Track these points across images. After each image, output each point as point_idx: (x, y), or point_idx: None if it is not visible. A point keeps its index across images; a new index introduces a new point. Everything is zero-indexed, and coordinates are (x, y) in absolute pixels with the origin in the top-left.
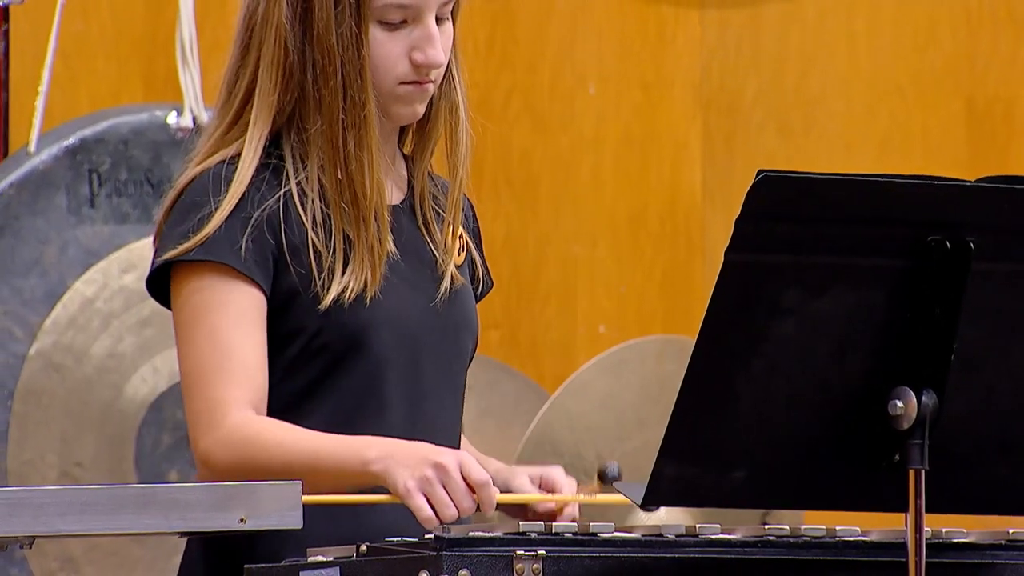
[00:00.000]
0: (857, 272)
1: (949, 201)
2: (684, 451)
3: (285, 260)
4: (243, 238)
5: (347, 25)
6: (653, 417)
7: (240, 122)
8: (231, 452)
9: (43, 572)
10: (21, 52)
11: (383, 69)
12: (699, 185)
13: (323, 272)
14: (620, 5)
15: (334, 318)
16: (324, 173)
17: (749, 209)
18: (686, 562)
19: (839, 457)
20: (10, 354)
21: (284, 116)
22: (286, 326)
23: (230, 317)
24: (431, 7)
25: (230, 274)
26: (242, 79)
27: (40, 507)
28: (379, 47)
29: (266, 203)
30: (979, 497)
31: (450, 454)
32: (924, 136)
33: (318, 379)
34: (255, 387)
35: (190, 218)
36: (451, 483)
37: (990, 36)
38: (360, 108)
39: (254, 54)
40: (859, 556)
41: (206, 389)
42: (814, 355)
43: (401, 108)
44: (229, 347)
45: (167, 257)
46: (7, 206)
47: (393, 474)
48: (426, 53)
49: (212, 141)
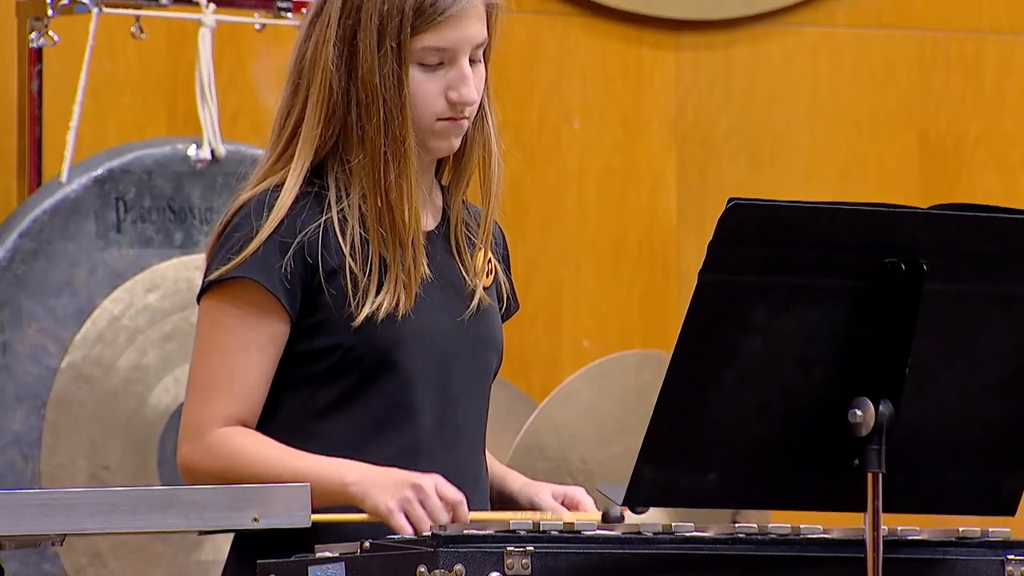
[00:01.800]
0: (819, 292)
1: (903, 227)
2: (661, 456)
3: (320, 282)
4: (278, 260)
5: (389, 67)
6: (633, 425)
7: (286, 154)
8: (212, 462)
9: (74, 567)
10: (54, 90)
11: (422, 107)
12: (674, 212)
13: (358, 293)
14: (602, 48)
15: (367, 335)
16: (365, 201)
17: (720, 234)
18: (662, 558)
19: (803, 461)
20: (43, 367)
21: (326, 149)
22: (321, 341)
23: (242, 339)
24: (465, 50)
25: (259, 293)
26: (291, 115)
27: (71, 507)
28: (418, 87)
29: (306, 228)
30: (932, 498)
31: (427, 477)
32: (880, 167)
33: (352, 389)
34: (250, 408)
35: (233, 240)
36: (429, 502)
37: (942, 76)
38: (401, 142)
39: (302, 94)
40: (822, 552)
41: (203, 401)
42: (780, 368)
43: (438, 142)
44: (236, 368)
45: (211, 278)
46: (41, 231)
47: (372, 496)
48: (460, 92)
49: (262, 171)
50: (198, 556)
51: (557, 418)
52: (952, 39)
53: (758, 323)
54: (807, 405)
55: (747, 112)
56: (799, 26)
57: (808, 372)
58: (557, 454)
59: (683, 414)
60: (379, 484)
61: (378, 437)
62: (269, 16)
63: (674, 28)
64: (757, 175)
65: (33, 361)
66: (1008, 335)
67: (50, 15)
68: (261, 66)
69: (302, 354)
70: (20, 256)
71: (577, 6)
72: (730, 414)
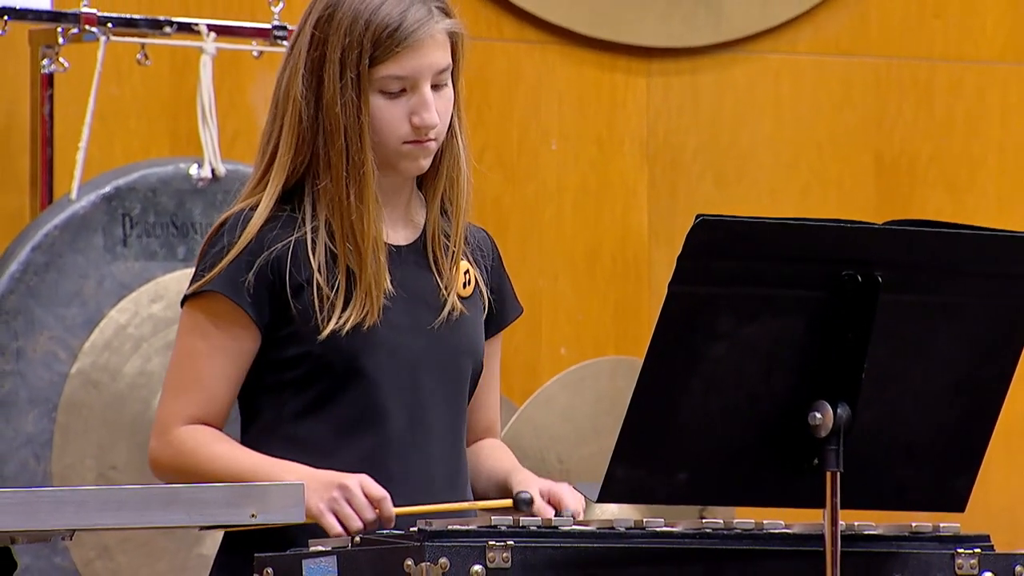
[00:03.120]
0: (781, 302)
1: (860, 241)
2: (633, 456)
3: (287, 298)
4: (244, 276)
5: (349, 95)
6: (607, 427)
7: (266, 178)
8: (172, 457)
9: (82, 560)
10: (64, 113)
11: (387, 131)
12: (646, 227)
13: (324, 307)
14: (578, 73)
15: (333, 345)
16: (332, 221)
17: (689, 248)
18: (634, 551)
19: (766, 461)
20: (54, 373)
21: (298, 174)
22: (292, 351)
23: (211, 346)
24: (426, 77)
25: (227, 305)
26: (270, 141)
27: (80, 504)
28: (382, 113)
29: (274, 247)
30: (886, 495)
31: (353, 477)
32: (839, 185)
33: (323, 394)
34: (215, 409)
35: (210, 256)
36: (355, 500)
37: (896, 100)
38: (359, 166)
39: (278, 122)
40: (783, 546)
41: (172, 401)
42: (744, 373)
43: (407, 163)
44: (203, 372)
45: (187, 292)
46: (52, 245)
47: (307, 498)
48: (422, 117)
49: (245, 192)
50: (199, 550)
51: (536, 420)
52: (905, 66)
53: (724, 331)
54: (770, 408)
55: (714, 133)
56: (762, 53)
57: (771, 377)
58: (537, 454)
59: (654, 417)
60: (311, 487)
61: (350, 439)
62: (266, 44)
63: (645, 55)
64: (723, 192)
65: (45, 367)
66: (957, 343)
67: (61, 43)
68: (258, 91)
69: (275, 362)
70: (33, 268)
71: (554, 35)
72: (698, 417)
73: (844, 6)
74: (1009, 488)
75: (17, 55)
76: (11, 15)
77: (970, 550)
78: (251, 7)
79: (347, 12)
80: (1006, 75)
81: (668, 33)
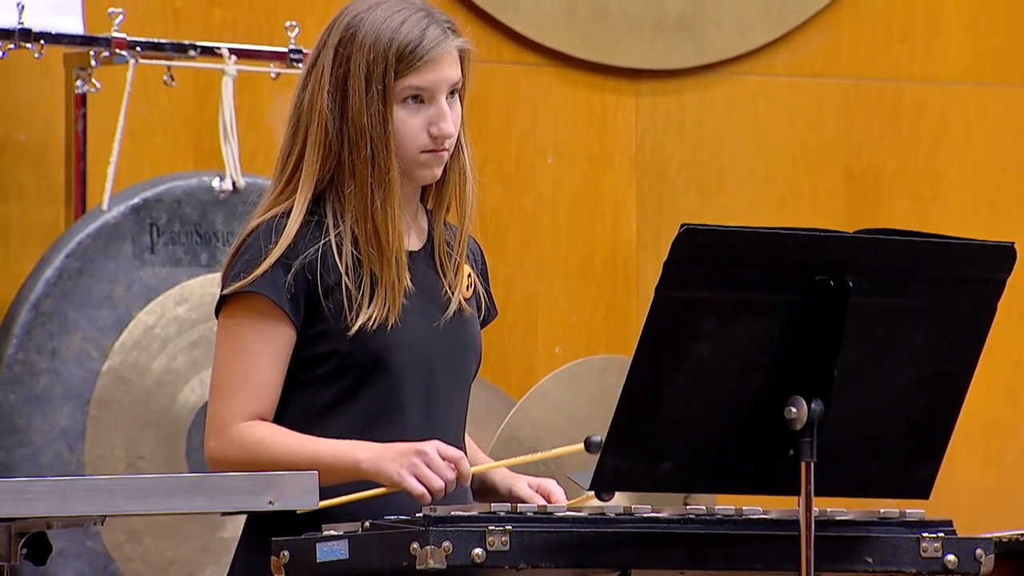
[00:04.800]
0: (760, 305)
1: (832, 249)
2: (623, 447)
3: (319, 298)
4: (283, 278)
5: (376, 107)
6: (599, 420)
7: (290, 187)
8: (237, 452)
9: (113, 543)
10: (96, 130)
11: (407, 141)
12: (634, 236)
13: (353, 306)
14: (572, 93)
15: (361, 341)
16: (357, 226)
17: (674, 255)
18: (623, 535)
19: (746, 452)
20: (87, 370)
21: (324, 182)
22: (322, 348)
23: (258, 345)
24: (442, 89)
25: (268, 306)
26: (293, 153)
27: (110, 492)
28: (402, 124)
29: (307, 251)
30: (857, 483)
31: (428, 442)
32: (812, 197)
33: (350, 389)
34: (266, 405)
35: (246, 259)
36: (433, 462)
37: (864, 118)
38: (385, 173)
39: (302, 135)
40: (761, 531)
41: (226, 400)
42: (725, 371)
43: (423, 171)
44: (252, 370)
45: (228, 291)
46: (84, 252)
47: (384, 468)
48: (440, 127)
49: (268, 201)
50: (221, 534)
51: (533, 414)
52: (873, 86)
53: (707, 332)
54: (749, 403)
55: (697, 149)
56: (742, 75)
57: (750, 375)
58: (533, 445)
59: (641, 411)
60: (387, 456)
61: (372, 430)
62: (283, 66)
63: (634, 77)
64: (706, 204)
65: (78, 365)
66: (922, 343)
67: (93, 65)
68: (276, 110)
69: (306, 359)
70: (67, 274)
71: (550, 58)
72: (682, 411)
73: (817, 31)
74: (970, 477)
75: (52, 77)
76: (47, 39)
77: (934, 534)
78: (269, 32)
79: (369, 32)
80: (967, 95)
81: (654, 57)
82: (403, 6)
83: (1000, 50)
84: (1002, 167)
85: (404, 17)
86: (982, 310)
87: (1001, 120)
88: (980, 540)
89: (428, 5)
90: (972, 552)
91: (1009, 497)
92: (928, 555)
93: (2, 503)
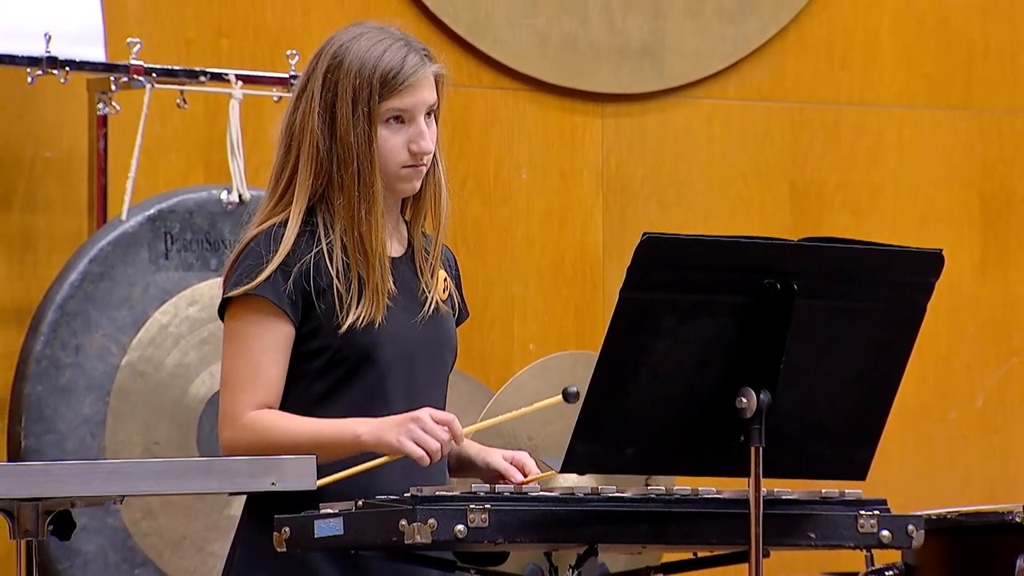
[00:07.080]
0: (714, 306)
1: (779, 255)
2: (591, 434)
3: (313, 300)
4: (284, 283)
5: (361, 127)
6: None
7: (284, 199)
8: (250, 438)
9: (131, 520)
10: (116, 148)
11: (390, 157)
12: (601, 243)
13: (343, 307)
14: (544, 115)
15: (350, 338)
16: (345, 234)
17: (637, 260)
18: (590, 513)
19: (702, 438)
20: (108, 364)
21: (316, 195)
22: (315, 343)
23: (262, 343)
24: (421, 111)
25: (270, 307)
26: (286, 170)
27: (128, 474)
28: (385, 142)
29: (303, 258)
30: (801, 466)
31: (421, 410)
32: (761, 209)
33: (339, 381)
34: (272, 395)
35: (248, 264)
36: (428, 426)
37: (808, 137)
38: (370, 187)
39: (294, 153)
40: (716, 509)
41: (236, 393)
42: (683, 365)
43: (403, 185)
44: (258, 365)
45: (233, 293)
46: (105, 259)
47: (384, 437)
48: (420, 144)
49: (263, 213)
50: (229, 512)
51: (509, 404)
52: (816, 109)
53: (666, 330)
54: (704, 394)
55: (657, 166)
56: (698, 98)
57: (705, 368)
58: (509, 432)
59: (607, 402)
60: (385, 427)
61: (361, 417)
62: (284, 90)
63: (600, 100)
64: (665, 214)
65: (99, 359)
66: (860, 340)
67: (113, 89)
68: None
69: (300, 355)
70: (89, 278)
71: (524, 83)
72: (644, 402)
73: (765, 59)
74: (903, 460)
75: (76, 100)
76: (71, 66)
77: (870, 512)
78: (271, 60)
79: (354, 60)
80: (901, 117)
81: (619, 82)
82: (384, 36)
83: (931, 76)
84: (932, 182)
85: (386, 46)
86: (914, 311)
87: (932, 139)
88: (912, 517)
89: (406, 35)
90: (905, 528)
91: (938, 479)
92: (865, 531)
93: (31, 484)
